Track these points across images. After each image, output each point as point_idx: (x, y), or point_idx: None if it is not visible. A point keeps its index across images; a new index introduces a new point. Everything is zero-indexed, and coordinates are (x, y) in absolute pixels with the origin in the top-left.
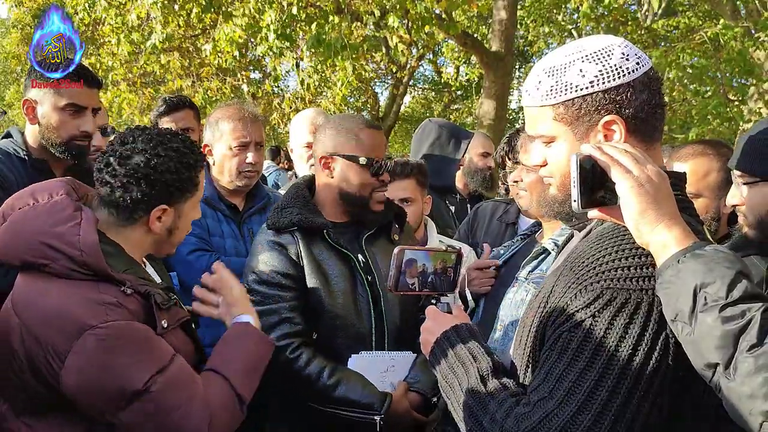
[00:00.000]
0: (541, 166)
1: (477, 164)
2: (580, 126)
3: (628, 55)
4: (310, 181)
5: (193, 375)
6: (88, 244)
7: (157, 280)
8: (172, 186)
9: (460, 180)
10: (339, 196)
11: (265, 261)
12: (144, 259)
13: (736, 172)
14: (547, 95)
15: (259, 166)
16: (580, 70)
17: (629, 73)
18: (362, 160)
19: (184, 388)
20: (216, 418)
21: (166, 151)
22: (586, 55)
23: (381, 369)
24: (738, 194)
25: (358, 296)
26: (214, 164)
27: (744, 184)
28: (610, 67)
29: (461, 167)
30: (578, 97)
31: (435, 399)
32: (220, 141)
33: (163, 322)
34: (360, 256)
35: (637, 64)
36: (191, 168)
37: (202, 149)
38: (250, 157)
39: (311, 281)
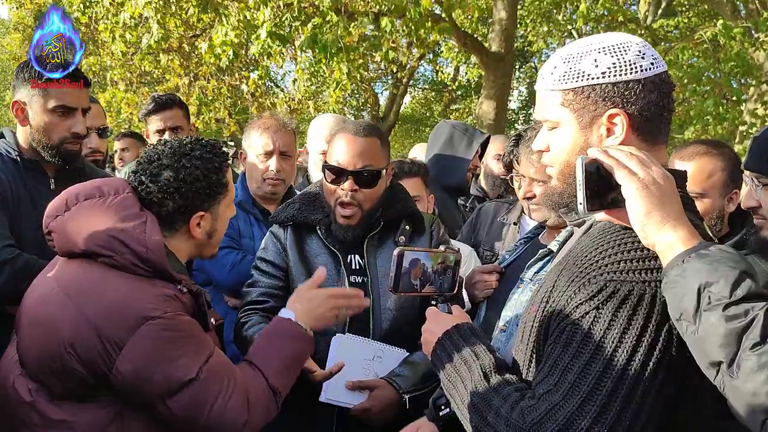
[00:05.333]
0: (544, 152)
1: (493, 169)
2: (586, 114)
3: (644, 54)
4: None
5: (231, 365)
6: (154, 243)
7: None
8: (203, 193)
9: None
10: None
11: (263, 248)
12: None
13: (751, 174)
14: (559, 80)
15: (284, 174)
16: (595, 60)
17: (642, 70)
18: (327, 164)
19: (225, 376)
20: (253, 407)
21: (191, 161)
22: (603, 47)
23: (366, 356)
24: (753, 196)
25: None
26: (245, 171)
27: (764, 186)
28: (625, 61)
29: (477, 168)
30: (588, 85)
31: (406, 396)
32: (250, 149)
33: (212, 319)
34: (357, 257)
35: (652, 64)
36: (217, 171)
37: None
38: (271, 164)
39: (295, 274)
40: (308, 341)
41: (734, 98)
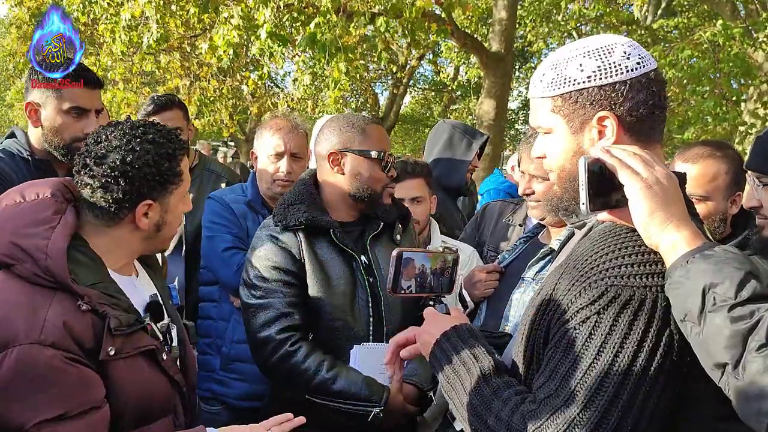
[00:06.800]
0: (542, 158)
1: None
2: (576, 119)
3: (629, 54)
4: (315, 178)
5: None
6: (55, 250)
7: (151, 291)
8: (152, 180)
9: None
10: (349, 193)
11: (267, 256)
12: (141, 268)
13: (753, 174)
14: (547, 87)
15: (294, 176)
16: (580, 65)
17: (628, 71)
18: (373, 153)
19: None
20: None
21: (141, 145)
22: (588, 51)
23: (382, 361)
24: (755, 196)
25: (357, 298)
26: (256, 171)
27: (764, 185)
28: (609, 63)
29: (476, 168)
30: (575, 90)
31: (430, 393)
32: (261, 149)
33: (110, 349)
34: (363, 257)
35: (638, 63)
36: (170, 158)
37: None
38: (282, 166)
39: (312, 282)
40: None
41: (734, 98)
